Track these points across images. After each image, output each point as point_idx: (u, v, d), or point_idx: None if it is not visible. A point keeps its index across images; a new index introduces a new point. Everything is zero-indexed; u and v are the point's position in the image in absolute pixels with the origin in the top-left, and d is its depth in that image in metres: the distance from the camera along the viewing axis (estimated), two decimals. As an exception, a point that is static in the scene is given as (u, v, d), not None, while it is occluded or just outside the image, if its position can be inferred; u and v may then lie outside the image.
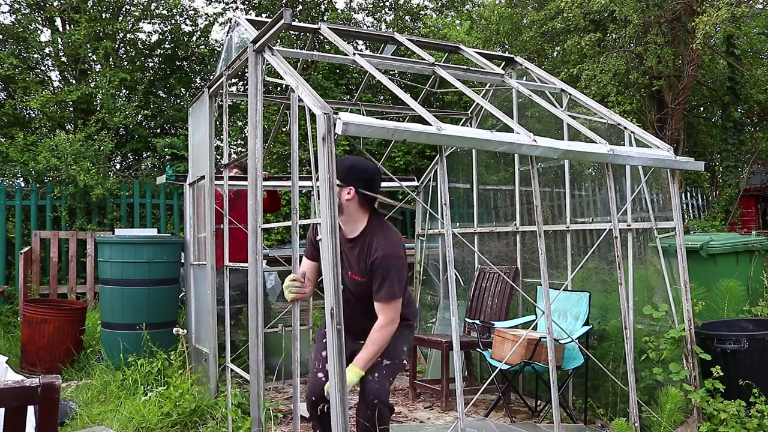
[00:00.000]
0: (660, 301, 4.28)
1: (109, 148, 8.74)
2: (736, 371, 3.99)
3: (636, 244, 4.56)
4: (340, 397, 2.89)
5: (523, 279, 5.42)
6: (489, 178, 6.43)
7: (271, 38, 3.77)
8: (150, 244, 5.64)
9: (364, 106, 5.61)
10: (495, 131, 3.56)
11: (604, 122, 4.64)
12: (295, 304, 3.33)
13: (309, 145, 3.55)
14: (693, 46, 8.22)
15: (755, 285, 5.01)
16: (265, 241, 8.58)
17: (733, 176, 9.83)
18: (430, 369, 5.86)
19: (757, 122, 11.99)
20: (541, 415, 4.69)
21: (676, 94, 9.56)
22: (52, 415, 1.67)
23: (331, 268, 2.95)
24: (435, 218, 6.28)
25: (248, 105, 3.88)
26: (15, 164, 8.64)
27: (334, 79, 10.83)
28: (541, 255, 3.69)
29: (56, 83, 11.03)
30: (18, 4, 10.41)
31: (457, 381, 3.26)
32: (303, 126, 7.04)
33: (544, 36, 10.01)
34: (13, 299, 7.44)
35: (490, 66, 4.92)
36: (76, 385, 5.21)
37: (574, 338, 4.32)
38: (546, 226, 5.12)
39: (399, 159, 9.97)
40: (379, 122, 3.14)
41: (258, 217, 3.83)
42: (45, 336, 5.67)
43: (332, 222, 2.97)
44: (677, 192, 4.26)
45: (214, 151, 4.83)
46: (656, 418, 3.95)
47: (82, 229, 7.95)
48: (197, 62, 11.82)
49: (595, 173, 6.21)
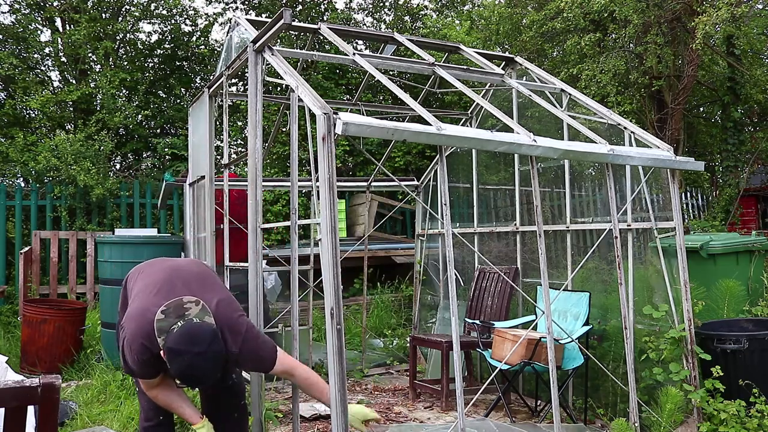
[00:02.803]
0: (660, 301, 4.28)
1: (109, 148, 8.74)
2: (736, 371, 3.99)
3: (636, 244, 4.56)
4: (340, 397, 2.89)
5: (523, 279, 5.42)
6: (489, 178, 6.43)
7: (271, 38, 3.77)
8: (150, 244, 5.64)
9: (364, 106, 5.61)
10: (495, 131, 3.56)
11: (604, 122, 4.64)
12: (295, 304, 3.33)
13: (309, 145, 3.55)
14: (693, 46, 8.21)
15: (755, 285, 5.00)
16: (265, 241, 8.58)
17: (733, 176, 9.82)
18: (430, 369, 5.86)
19: (757, 122, 11.99)
20: (541, 415, 4.69)
21: (676, 94, 9.55)
22: (52, 415, 1.67)
23: (331, 268, 2.95)
24: (435, 218, 6.28)
25: (248, 105, 3.89)
26: (15, 164, 8.64)
27: (334, 79, 10.83)
28: (541, 255, 3.69)
29: (56, 83, 11.03)
30: (18, 4, 10.41)
31: (457, 381, 3.26)
32: (303, 126, 7.04)
33: (544, 36, 10.00)
34: (13, 299, 7.44)
35: (490, 66, 4.92)
36: (76, 385, 5.21)
37: (574, 338, 4.32)
38: (546, 226, 5.12)
39: (399, 159, 9.97)
40: (379, 122, 3.14)
41: (258, 217, 3.83)
42: (45, 336, 5.67)
43: (332, 222, 2.97)
44: (677, 192, 4.26)
45: (214, 151, 4.83)
46: (656, 418, 3.95)
47: (82, 229, 7.95)
48: (197, 62, 11.81)
49: (595, 173, 6.21)
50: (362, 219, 8.99)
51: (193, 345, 2.54)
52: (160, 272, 2.98)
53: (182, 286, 2.84)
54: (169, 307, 2.66)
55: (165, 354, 2.58)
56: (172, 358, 2.55)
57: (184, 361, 2.53)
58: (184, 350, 2.53)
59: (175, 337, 2.56)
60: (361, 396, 5.30)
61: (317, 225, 3.12)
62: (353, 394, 5.36)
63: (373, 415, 3.08)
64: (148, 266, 3.14)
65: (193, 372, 2.56)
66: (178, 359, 2.54)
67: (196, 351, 2.53)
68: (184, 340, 2.55)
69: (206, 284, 2.93)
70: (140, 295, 2.86)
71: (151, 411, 3.05)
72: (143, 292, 2.87)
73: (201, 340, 2.56)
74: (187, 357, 2.53)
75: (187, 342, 2.55)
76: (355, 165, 10.48)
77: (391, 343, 6.94)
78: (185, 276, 2.93)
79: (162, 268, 3.02)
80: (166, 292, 2.79)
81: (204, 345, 2.55)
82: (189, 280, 2.91)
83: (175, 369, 2.56)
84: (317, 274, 4.79)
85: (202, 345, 2.55)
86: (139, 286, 2.95)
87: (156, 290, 2.82)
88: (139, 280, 3.02)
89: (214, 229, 4.72)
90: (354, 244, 7.36)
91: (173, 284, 2.85)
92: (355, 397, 5.24)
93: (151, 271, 3.03)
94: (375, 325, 7.43)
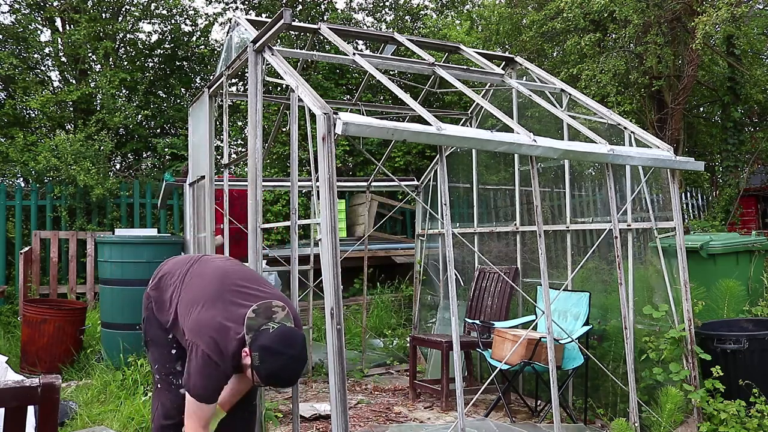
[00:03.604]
0: (660, 301, 4.28)
1: (109, 148, 8.74)
2: (736, 371, 3.99)
3: (636, 244, 4.56)
4: (340, 397, 2.89)
5: (523, 279, 5.42)
6: (489, 178, 6.43)
7: (271, 38, 3.77)
8: (150, 244, 5.64)
9: (364, 106, 5.61)
10: (495, 131, 3.57)
11: (604, 122, 4.64)
12: (295, 304, 3.33)
13: (309, 145, 3.55)
14: (693, 46, 8.21)
15: (755, 285, 5.00)
16: (265, 241, 8.58)
17: (733, 176, 9.82)
18: (430, 369, 5.86)
19: (757, 122, 11.99)
20: (541, 415, 4.69)
21: (676, 94, 9.55)
22: (52, 415, 1.67)
23: (331, 268, 2.96)
24: (435, 218, 6.28)
25: (248, 105, 3.89)
26: (15, 164, 8.64)
27: (334, 79, 10.84)
28: (541, 255, 3.69)
29: (56, 83, 11.03)
30: (18, 4, 10.41)
31: (457, 381, 3.26)
32: (303, 126, 7.04)
33: (544, 36, 10.00)
34: (13, 299, 7.44)
35: (490, 66, 4.92)
36: (76, 385, 5.21)
37: (574, 338, 4.32)
38: (546, 226, 5.12)
39: (399, 159, 9.97)
40: (379, 122, 3.14)
41: (258, 217, 3.83)
42: (45, 336, 5.67)
43: (332, 222, 2.97)
44: (677, 192, 4.26)
45: (214, 151, 4.83)
46: (656, 418, 3.95)
47: (82, 229, 7.95)
48: (197, 62, 11.82)
49: (595, 173, 6.21)
50: (362, 219, 8.99)
51: (290, 347, 2.63)
52: (221, 269, 2.99)
53: (253, 284, 2.92)
54: (260, 308, 2.73)
55: (257, 351, 2.62)
56: (266, 357, 2.61)
57: (278, 362, 2.61)
58: (282, 351, 2.61)
59: (271, 337, 2.64)
60: (361, 396, 5.30)
61: (317, 225, 3.12)
62: (353, 394, 5.36)
63: None
64: (196, 265, 3.10)
65: (286, 373, 2.64)
66: (273, 358, 2.60)
67: (291, 353, 2.63)
68: (281, 341, 2.64)
69: (267, 286, 2.99)
70: (206, 303, 2.83)
71: (174, 410, 3.06)
72: (209, 299, 2.84)
73: (296, 344, 2.66)
74: (283, 358, 2.61)
75: (285, 344, 2.63)
76: (355, 165, 10.48)
77: (391, 343, 6.94)
78: (247, 277, 2.98)
79: (215, 273, 2.98)
80: (246, 297, 2.82)
81: (298, 348, 2.66)
82: (255, 281, 2.96)
83: (267, 367, 2.61)
84: (317, 274, 4.79)
85: (296, 348, 2.65)
86: (194, 292, 2.93)
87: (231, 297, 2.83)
88: (192, 282, 2.99)
89: (215, 229, 4.73)
90: (354, 244, 7.36)
91: (244, 287, 2.89)
92: (355, 397, 5.25)
93: (202, 273, 3.02)
94: (375, 325, 7.44)
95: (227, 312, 2.75)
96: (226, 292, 2.84)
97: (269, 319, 2.70)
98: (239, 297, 2.81)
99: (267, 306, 2.75)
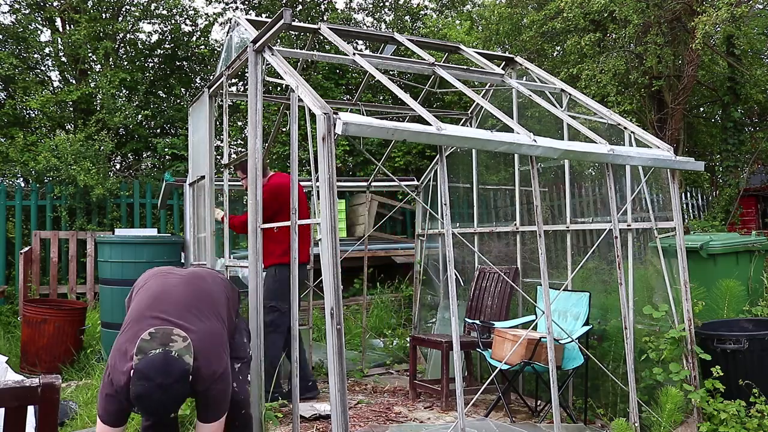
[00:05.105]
0: (660, 301, 4.28)
1: (109, 148, 8.75)
2: (736, 371, 3.99)
3: (636, 244, 4.56)
4: (340, 397, 2.89)
5: (523, 279, 5.42)
6: (489, 178, 6.43)
7: (271, 38, 3.77)
8: (150, 244, 5.64)
9: (364, 106, 5.61)
10: (495, 131, 3.57)
11: (604, 122, 4.64)
12: (295, 304, 3.33)
13: (309, 145, 3.55)
14: (693, 46, 8.21)
15: (755, 285, 5.01)
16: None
17: (733, 176, 9.83)
18: (430, 369, 5.86)
19: (757, 122, 11.99)
20: (541, 415, 4.69)
21: (676, 94, 9.55)
22: (52, 415, 1.68)
23: (331, 268, 2.96)
24: (435, 218, 6.28)
25: (248, 105, 3.89)
26: (15, 164, 8.64)
27: (334, 79, 10.84)
28: (541, 255, 3.69)
29: (56, 83, 11.04)
30: (18, 4, 10.41)
31: (457, 381, 3.26)
32: (303, 126, 7.04)
33: (544, 36, 10.00)
34: (13, 299, 7.44)
35: (490, 66, 4.92)
36: (76, 385, 5.21)
37: (574, 338, 4.32)
38: (546, 226, 5.12)
39: (399, 159, 9.97)
40: (379, 122, 3.14)
41: (258, 217, 3.83)
42: (45, 336, 5.67)
43: (332, 222, 2.97)
44: (677, 192, 4.26)
45: (214, 151, 4.83)
46: (656, 418, 3.95)
47: (82, 229, 7.95)
48: (197, 62, 11.82)
49: (595, 173, 6.22)
50: (362, 219, 8.99)
51: (161, 376, 2.55)
52: (158, 292, 3.00)
53: (177, 311, 2.87)
54: (157, 332, 2.68)
55: (134, 373, 2.59)
56: (135, 380, 2.57)
57: (143, 387, 2.54)
58: (151, 377, 2.54)
59: (148, 362, 2.58)
60: (361, 396, 5.30)
61: (317, 225, 3.12)
62: (353, 394, 5.36)
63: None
64: (152, 281, 3.13)
65: (149, 402, 2.56)
66: (140, 383, 2.55)
67: (159, 382, 2.54)
68: (154, 368, 2.56)
69: (205, 315, 2.93)
70: (129, 324, 2.87)
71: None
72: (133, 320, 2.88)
73: (169, 374, 2.57)
74: (150, 385, 2.54)
75: (157, 371, 2.56)
76: (355, 165, 10.48)
77: (391, 343, 6.94)
78: (186, 302, 2.94)
79: (154, 293, 3.00)
80: (162, 322, 2.80)
81: (170, 380, 2.56)
82: (193, 307, 2.93)
83: (133, 390, 2.57)
84: (317, 274, 4.79)
85: (168, 378, 2.56)
86: (131, 309, 2.98)
87: (150, 314, 2.85)
88: (136, 299, 3.04)
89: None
90: (354, 244, 7.36)
91: (170, 307, 2.88)
92: (355, 397, 5.24)
93: (152, 286, 3.06)
94: (375, 325, 7.43)
95: (136, 337, 2.71)
96: (148, 318, 2.82)
97: (164, 346, 2.63)
98: (157, 322, 2.78)
99: (166, 333, 2.68)
